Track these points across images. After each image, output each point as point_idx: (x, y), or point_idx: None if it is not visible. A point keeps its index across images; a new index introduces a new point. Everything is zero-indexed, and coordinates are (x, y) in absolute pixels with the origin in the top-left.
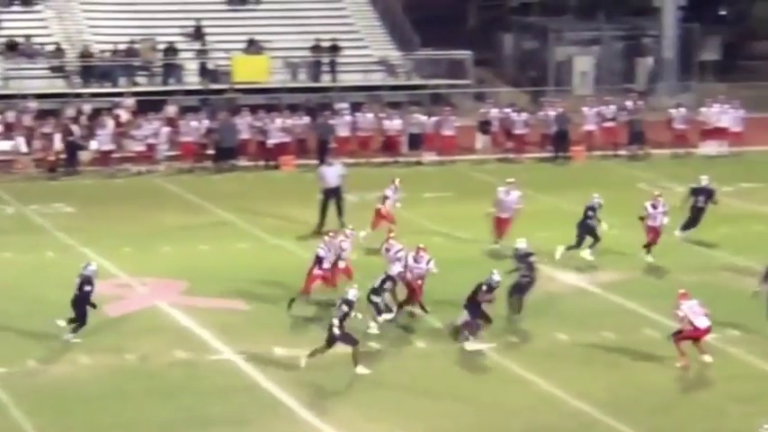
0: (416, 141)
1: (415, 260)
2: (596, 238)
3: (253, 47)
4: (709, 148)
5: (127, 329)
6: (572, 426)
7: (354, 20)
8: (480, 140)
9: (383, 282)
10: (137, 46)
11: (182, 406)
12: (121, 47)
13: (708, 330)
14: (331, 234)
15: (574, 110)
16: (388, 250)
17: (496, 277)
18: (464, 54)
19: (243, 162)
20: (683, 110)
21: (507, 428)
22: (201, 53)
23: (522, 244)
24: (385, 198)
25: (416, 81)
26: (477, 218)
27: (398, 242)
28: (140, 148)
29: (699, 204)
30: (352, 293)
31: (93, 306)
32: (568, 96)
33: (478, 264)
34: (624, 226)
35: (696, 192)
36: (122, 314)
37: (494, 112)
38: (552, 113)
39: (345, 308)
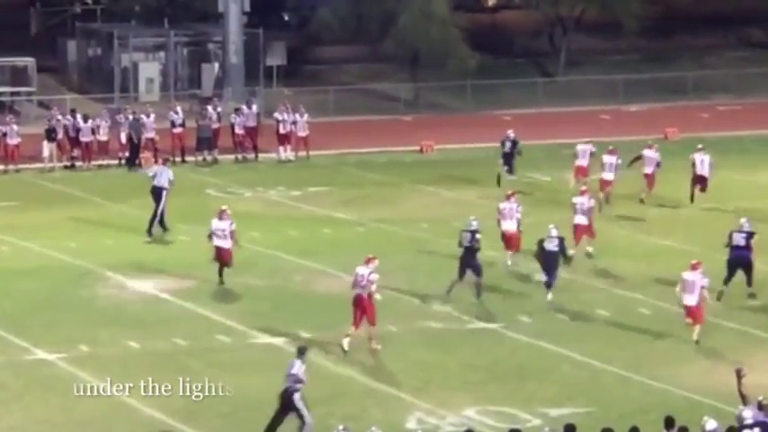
0: None
1: None
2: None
3: None
4: (277, 152)
5: None
6: None
7: None
8: (47, 148)
9: None
10: None
11: None
12: None
13: None
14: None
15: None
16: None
17: None
18: (27, 61)
19: None
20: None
21: None
22: None
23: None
24: None
25: None
26: (46, 226)
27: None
28: None
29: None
30: None
31: None
32: (135, 103)
33: (48, 272)
34: (193, 233)
35: None
36: None
37: (59, 119)
38: (119, 120)
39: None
